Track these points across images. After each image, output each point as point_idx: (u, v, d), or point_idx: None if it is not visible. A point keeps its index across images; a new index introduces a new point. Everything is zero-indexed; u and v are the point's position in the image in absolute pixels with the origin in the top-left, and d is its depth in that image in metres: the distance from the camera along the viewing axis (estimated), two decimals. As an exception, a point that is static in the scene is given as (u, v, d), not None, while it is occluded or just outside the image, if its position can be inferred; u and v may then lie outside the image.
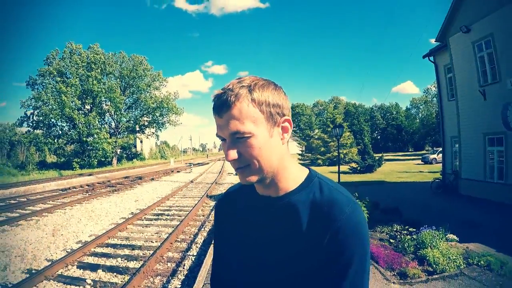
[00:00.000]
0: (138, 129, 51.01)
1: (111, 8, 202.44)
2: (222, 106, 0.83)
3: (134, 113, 50.76)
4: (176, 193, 15.13)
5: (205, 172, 29.78)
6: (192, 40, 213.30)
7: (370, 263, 0.87)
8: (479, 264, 5.13)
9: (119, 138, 46.74)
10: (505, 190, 10.61)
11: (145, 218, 9.88)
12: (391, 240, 6.70)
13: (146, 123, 50.92)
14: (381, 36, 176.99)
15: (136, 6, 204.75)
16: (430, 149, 55.94)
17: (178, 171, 31.09)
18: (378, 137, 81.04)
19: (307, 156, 41.74)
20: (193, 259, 6.10)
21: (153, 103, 48.13)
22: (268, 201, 0.94)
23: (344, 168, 26.54)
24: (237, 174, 0.90)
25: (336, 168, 20.44)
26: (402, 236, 6.59)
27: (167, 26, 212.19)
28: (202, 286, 4.53)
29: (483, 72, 11.66)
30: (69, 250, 6.75)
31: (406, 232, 6.91)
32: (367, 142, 48.24)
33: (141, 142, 68.05)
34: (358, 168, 26.26)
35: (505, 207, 9.73)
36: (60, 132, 42.81)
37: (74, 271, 5.55)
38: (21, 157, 48.87)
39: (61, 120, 40.99)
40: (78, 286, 4.96)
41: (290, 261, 0.86)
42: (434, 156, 32.58)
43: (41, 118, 40.16)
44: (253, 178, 0.87)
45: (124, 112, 47.69)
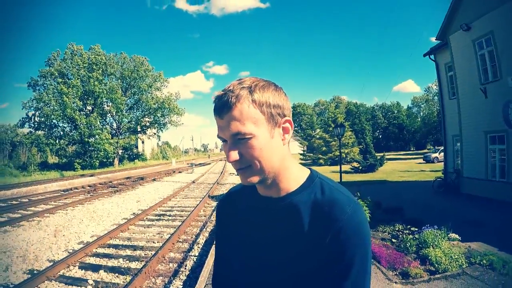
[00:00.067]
0: (139, 129, 50.99)
1: (112, 9, 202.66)
2: (223, 107, 0.83)
3: (135, 113, 50.81)
4: (178, 193, 15.14)
5: (206, 172, 29.80)
6: (193, 40, 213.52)
7: (371, 263, 0.87)
8: (481, 263, 5.12)
9: (121, 139, 46.77)
10: (507, 188, 10.57)
11: (147, 218, 9.89)
12: (393, 239, 6.69)
13: (148, 124, 50.93)
14: (381, 35, 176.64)
15: (137, 7, 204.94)
16: (431, 148, 55.81)
17: (179, 172, 31.10)
18: (380, 136, 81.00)
19: (309, 155, 41.78)
20: (195, 260, 6.11)
21: (154, 104, 48.18)
22: (269, 201, 0.94)
23: (345, 167, 26.49)
24: (238, 174, 0.90)
25: (337, 167, 20.42)
26: (404, 235, 6.59)
27: (168, 26, 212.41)
28: (204, 286, 4.53)
29: (484, 70, 11.62)
30: (70, 251, 6.77)
31: (408, 231, 6.89)
32: (369, 141, 48.23)
33: (142, 142, 68.02)
34: (360, 167, 26.23)
35: (507, 206, 9.69)
36: (61, 133, 42.90)
37: (76, 272, 5.57)
38: (22, 158, 48.92)
39: (62, 121, 41.09)
40: (79, 287, 4.97)
41: (291, 261, 0.86)
42: (436, 155, 32.50)
43: (42, 119, 40.27)
44: (254, 179, 0.87)
45: (125, 112, 47.71)
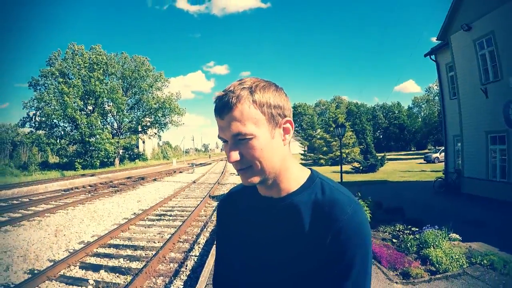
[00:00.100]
0: (140, 129, 51.05)
1: (113, 9, 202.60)
2: (224, 108, 0.84)
3: (136, 113, 50.91)
4: (178, 193, 15.15)
5: (207, 172, 29.79)
6: (193, 40, 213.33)
7: (372, 263, 0.87)
8: (482, 263, 5.12)
9: (122, 139, 46.81)
10: (507, 188, 10.56)
11: (147, 218, 9.89)
12: (394, 239, 6.68)
13: (148, 124, 51.01)
14: (382, 35, 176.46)
15: (137, 7, 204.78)
16: (432, 148, 55.68)
17: (180, 172, 31.11)
18: (380, 136, 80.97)
19: (310, 156, 41.76)
20: (195, 260, 6.11)
21: (155, 104, 48.26)
22: (270, 202, 0.94)
23: (346, 167, 26.49)
24: (239, 175, 0.90)
25: (338, 167, 20.39)
26: (405, 235, 6.58)
27: (169, 26, 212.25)
28: (205, 286, 4.53)
29: (485, 70, 11.61)
30: (71, 251, 6.77)
31: (408, 231, 6.89)
32: (369, 141, 48.20)
33: (143, 142, 68.05)
34: (361, 167, 26.22)
35: (507, 206, 9.68)
36: (62, 132, 42.99)
37: (77, 272, 5.57)
38: (23, 157, 48.99)
39: (63, 120, 41.16)
40: (80, 287, 4.97)
41: (292, 261, 0.86)
42: (437, 155, 32.46)
43: (43, 118, 40.34)
44: (255, 179, 0.87)
45: (126, 112, 47.75)
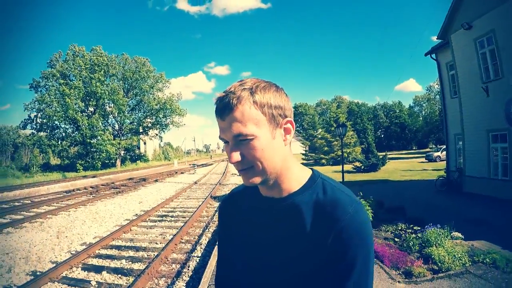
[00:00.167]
0: (141, 130, 51.18)
1: (114, 10, 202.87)
2: (225, 109, 0.84)
3: (137, 114, 51.06)
4: (180, 194, 15.15)
5: (209, 173, 29.82)
6: (194, 41, 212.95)
7: (374, 263, 0.87)
8: (485, 262, 5.11)
9: (123, 140, 46.86)
10: (509, 186, 10.55)
11: (149, 219, 9.90)
12: (396, 239, 6.68)
13: (150, 125, 51.12)
14: (382, 34, 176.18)
15: (138, 8, 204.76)
16: (433, 147, 55.70)
17: (182, 172, 31.13)
18: (382, 135, 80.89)
19: (311, 155, 41.72)
20: (197, 260, 6.11)
21: (156, 105, 48.35)
22: (271, 202, 0.95)
23: (348, 167, 26.49)
24: (240, 175, 0.90)
25: (340, 167, 20.39)
26: (407, 234, 6.57)
27: (170, 27, 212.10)
28: (207, 287, 4.53)
29: (486, 68, 11.61)
30: (73, 252, 6.78)
31: (411, 230, 6.88)
32: (371, 141, 48.08)
33: (144, 143, 68.17)
34: (362, 167, 26.18)
35: (509, 204, 9.66)
36: (63, 134, 43.07)
37: (79, 273, 5.57)
38: (25, 159, 49.24)
39: (64, 122, 41.19)
40: (83, 288, 4.98)
41: (294, 261, 0.87)
42: (438, 154, 32.35)
43: (44, 120, 40.43)
44: (256, 180, 0.87)
45: (127, 113, 47.88)
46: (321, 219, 0.85)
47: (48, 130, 41.84)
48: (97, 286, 5.01)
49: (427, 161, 33.17)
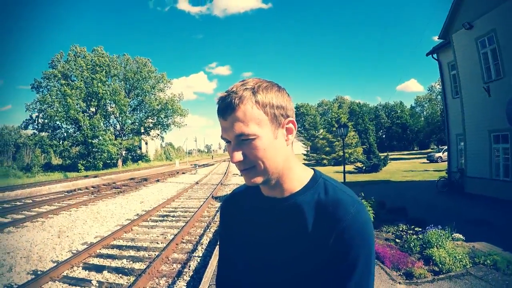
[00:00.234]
0: (143, 130, 51.21)
1: (115, 10, 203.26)
2: (227, 108, 0.84)
3: (139, 115, 51.05)
4: (181, 194, 15.16)
5: (210, 173, 29.82)
6: (195, 41, 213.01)
7: (375, 263, 0.87)
8: (486, 263, 5.10)
9: (124, 140, 46.87)
10: (510, 187, 10.53)
11: (150, 219, 9.91)
12: (397, 239, 6.67)
13: (151, 125, 51.13)
14: (383, 34, 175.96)
15: (139, 9, 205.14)
16: (435, 147, 55.56)
17: (183, 173, 31.14)
18: (383, 136, 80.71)
19: (312, 156, 41.70)
20: (198, 260, 6.11)
21: (157, 105, 48.37)
22: (273, 202, 0.95)
23: (349, 167, 26.47)
24: (242, 175, 0.90)
25: (341, 168, 20.39)
26: (408, 235, 6.57)
27: (171, 28, 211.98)
28: (208, 287, 4.53)
29: (487, 68, 11.59)
30: (74, 252, 6.79)
31: (412, 231, 6.87)
32: (372, 141, 47.89)
33: (146, 143, 68.21)
34: (364, 167, 26.18)
35: (511, 205, 9.65)
36: (65, 134, 43.09)
37: (80, 272, 5.58)
38: (26, 159, 49.24)
39: (66, 122, 41.23)
40: (83, 287, 4.98)
41: (295, 261, 0.87)
42: (440, 154, 32.29)
43: (46, 120, 40.49)
44: (258, 180, 0.87)
45: (129, 114, 47.90)
46: (323, 219, 0.85)
47: (49, 130, 41.93)
48: (98, 285, 5.02)
49: (429, 161, 33.14)
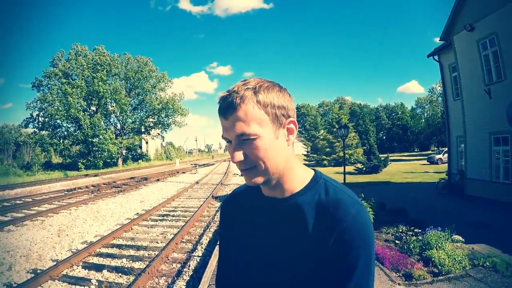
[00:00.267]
0: (143, 130, 51.29)
1: (116, 9, 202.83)
2: (228, 108, 0.84)
3: (139, 114, 51.14)
4: (181, 194, 15.16)
5: (210, 173, 29.83)
6: (196, 41, 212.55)
7: (375, 264, 0.87)
8: (485, 265, 5.09)
9: (125, 139, 46.97)
10: (510, 190, 10.52)
11: (150, 218, 9.91)
12: (397, 241, 6.67)
13: (152, 124, 51.19)
14: (385, 35, 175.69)
15: (140, 8, 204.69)
16: (435, 149, 55.58)
17: (183, 172, 31.14)
18: (384, 137, 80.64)
19: (313, 156, 41.65)
20: (198, 260, 6.11)
21: (158, 104, 48.44)
22: (273, 202, 0.94)
23: (349, 168, 26.44)
24: (243, 175, 0.90)
25: (341, 168, 20.39)
26: (408, 237, 6.56)
27: (172, 27, 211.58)
28: (208, 287, 4.53)
29: (488, 70, 11.57)
30: (74, 251, 6.79)
31: (411, 233, 6.85)
32: (373, 142, 48.05)
33: (146, 143, 68.28)
34: (364, 168, 26.15)
35: (510, 207, 9.64)
36: (65, 133, 43.20)
37: (79, 271, 5.59)
38: (26, 157, 49.33)
39: (66, 121, 41.36)
40: (83, 286, 4.99)
41: (295, 262, 0.87)
42: (440, 156, 32.30)
43: (46, 119, 40.62)
44: (259, 180, 0.87)
45: (129, 113, 47.95)
46: (323, 220, 0.85)
47: (50, 129, 42.03)
48: (97, 284, 5.02)
49: (429, 163, 33.16)
